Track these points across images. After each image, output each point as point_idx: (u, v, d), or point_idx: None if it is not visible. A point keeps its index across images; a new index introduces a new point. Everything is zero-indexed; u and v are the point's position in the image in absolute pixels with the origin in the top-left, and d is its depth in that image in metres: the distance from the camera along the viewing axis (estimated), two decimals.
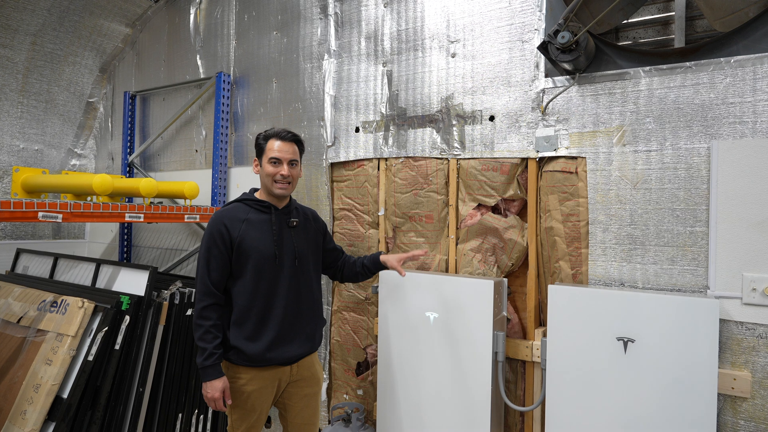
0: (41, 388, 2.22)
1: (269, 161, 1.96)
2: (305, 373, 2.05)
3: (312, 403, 2.10)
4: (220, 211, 1.98)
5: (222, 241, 1.89)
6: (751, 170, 1.82)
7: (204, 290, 1.88)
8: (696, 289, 1.92)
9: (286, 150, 1.97)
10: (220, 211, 1.97)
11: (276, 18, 3.14)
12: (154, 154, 3.86)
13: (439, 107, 2.52)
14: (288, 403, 2.05)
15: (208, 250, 1.90)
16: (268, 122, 3.15)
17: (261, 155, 2.00)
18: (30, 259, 3.25)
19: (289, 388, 2.04)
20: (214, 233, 1.90)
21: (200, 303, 1.88)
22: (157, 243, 3.77)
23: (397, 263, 2.11)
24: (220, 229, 1.90)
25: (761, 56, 1.81)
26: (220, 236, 1.90)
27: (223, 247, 1.89)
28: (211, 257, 1.89)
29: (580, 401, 1.98)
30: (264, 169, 1.98)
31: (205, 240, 1.92)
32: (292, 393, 2.04)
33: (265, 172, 1.97)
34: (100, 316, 2.37)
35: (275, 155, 1.95)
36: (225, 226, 1.91)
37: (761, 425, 1.79)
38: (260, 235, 1.95)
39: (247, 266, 1.92)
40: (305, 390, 2.07)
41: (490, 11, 2.37)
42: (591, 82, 2.12)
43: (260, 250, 1.93)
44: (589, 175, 2.12)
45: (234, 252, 1.91)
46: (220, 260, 1.89)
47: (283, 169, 1.96)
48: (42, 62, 3.72)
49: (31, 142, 3.84)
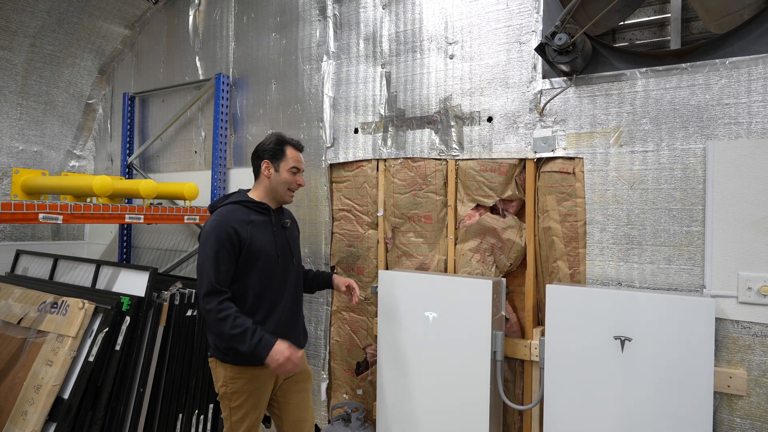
0: (42, 388, 2.23)
1: (290, 170, 2.02)
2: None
3: (306, 398, 2.13)
4: (223, 213, 1.94)
5: (230, 243, 1.87)
6: (746, 170, 1.83)
7: (213, 290, 1.82)
8: (692, 289, 1.93)
9: (302, 161, 2.09)
10: (224, 214, 1.93)
11: (275, 19, 3.15)
12: (153, 156, 3.86)
13: (437, 108, 2.53)
14: (283, 400, 2.07)
15: (216, 252, 1.85)
16: (268, 123, 3.16)
17: (278, 160, 2.01)
18: (30, 261, 3.25)
19: (285, 385, 2.07)
20: (222, 235, 1.86)
21: (213, 300, 1.81)
22: (156, 244, 3.77)
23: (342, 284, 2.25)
24: (228, 232, 1.87)
25: (756, 58, 1.83)
26: (229, 238, 1.87)
27: (231, 250, 1.87)
28: (219, 259, 1.85)
29: (578, 400, 1.99)
30: (282, 176, 2.01)
31: (211, 241, 1.86)
32: (287, 390, 2.07)
33: (284, 180, 2.02)
34: (100, 317, 2.38)
35: (297, 165, 2.04)
36: (234, 228, 1.89)
37: (757, 423, 1.81)
38: (264, 236, 1.97)
39: (255, 266, 1.93)
40: (300, 385, 2.11)
41: (487, 13, 2.39)
42: (588, 84, 2.14)
43: (266, 251, 1.96)
44: (586, 175, 2.14)
45: (243, 253, 1.90)
46: (228, 262, 1.87)
47: (300, 179, 2.06)
48: (41, 64, 3.73)
49: (31, 144, 3.84)
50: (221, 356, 1.94)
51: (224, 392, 1.95)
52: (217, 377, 1.98)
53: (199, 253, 1.89)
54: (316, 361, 2.92)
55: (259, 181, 2.06)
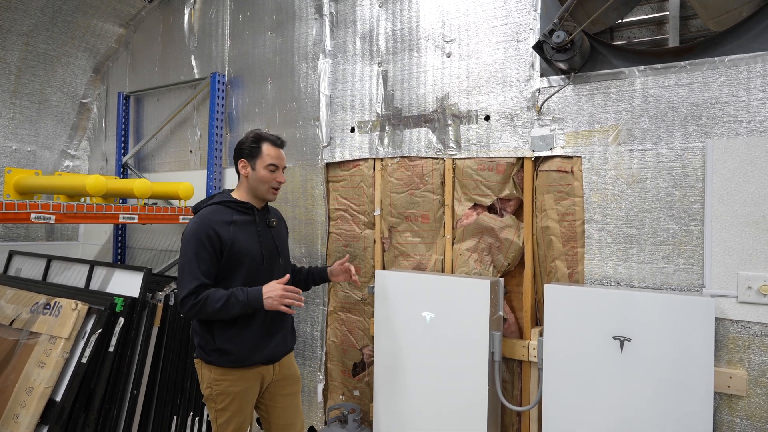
0: (34, 391, 2.20)
1: (267, 167, 1.96)
2: (286, 371, 2.06)
3: (294, 402, 2.10)
4: (204, 215, 1.91)
5: (211, 244, 1.84)
6: (745, 169, 1.82)
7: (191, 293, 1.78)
8: (692, 288, 1.92)
9: (282, 157, 2.00)
10: (205, 215, 1.90)
11: (271, 18, 3.13)
12: (148, 155, 3.83)
13: (434, 107, 2.51)
14: (270, 404, 2.05)
15: (196, 254, 1.82)
16: (263, 123, 3.14)
17: (254, 158, 1.97)
18: (23, 261, 3.22)
19: (271, 388, 2.04)
20: (202, 237, 1.83)
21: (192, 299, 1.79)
22: (151, 244, 3.74)
23: (338, 269, 2.21)
24: (209, 233, 1.84)
25: (755, 55, 1.82)
26: (209, 240, 1.84)
27: (212, 251, 1.84)
28: (200, 261, 1.82)
29: (577, 401, 1.98)
30: (258, 174, 1.96)
31: (192, 244, 1.83)
32: (274, 393, 2.04)
33: (261, 178, 1.96)
34: (93, 318, 2.35)
35: (274, 162, 1.96)
36: (214, 230, 1.85)
37: (757, 423, 1.80)
38: (248, 236, 1.94)
39: (239, 268, 1.90)
40: (287, 389, 2.07)
41: (485, 11, 2.37)
42: (586, 82, 2.12)
43: (250, 252, 1.92)
44: (584, 174, 2.12)
45: (225, 255, 1.87)
46: (209, 262, 1.84)
47: (279, 176, 1.98)
48: (35, 63, 3.69)
49: (24, 143, 3.81)
50: (205, 357, 1.92)
51: (209, 394, 1.93)
52: (202, 379, 1.96)
53: (180, 256, 1.86)
54: (312, 362, 2.89)
55: (240, 180, 2.03)
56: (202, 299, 1.78)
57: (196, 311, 1.79)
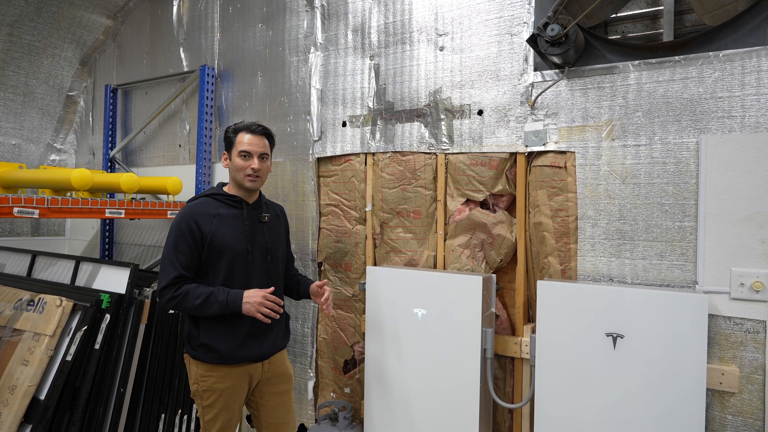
0: (17, 389, 2.15)
1: (239, 154, 1.92)
2: (277, 370, 2.02)
3: (285, 400, 2.07)
4: (188, 206, 1.91)
5: (192, 236, 1.84)
6: (739, 165, 1.81)
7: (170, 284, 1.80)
8: (684, 284, 1.91)
9: (257, 143, 1.94)
10: (189, 207, 1.90)
11: (261, 10, 3.08)
12: (136, 149, 3.77)
13: (427, 101, 2.48)
14: (261, 402, 2.02)
15: (175, 245, 1.83)
16: (254, 116, 3.09)
17: (231, 148, 1.96)
18: (6, 257, 3.15)
19: (261, 387, 2.00)
20: (183, 229, 1.84)
21: (171, 291, 1.80)
22: (139, 240, 3.69)
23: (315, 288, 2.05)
24: (189, 225, 1.84)
25: (749, 50, 1.80)
26: (190, 232, 1.84)
27: (192, 242, 1.84)
28: (179, 253, 1.82)
29: (569, 397, 1.96)
30: (234, 163, 1.94)
31: (172, 235, 1.85)
32: (264, 391, 2.01)
33: (235, 166, 1.93)
34: (79, 315, 2.30)
35: (246, 148, 1.92)
36: (195, 221, 1.85)
37: (749, 419, 1.79)
38: (232, 230, 1.91)
39: (220, 262, 1.88)
40: (278, 387, 2.04)
41: (478, 4, 2.34)
42: (580, 76, 2.10)
43: (233, 246, 1.89)
44: (578, 169, 2.10)
45: (205, 248, 1.86)
46: (189, 253, 1.84)
47: (253, 163, 1.92)
48: (19, 54, 3.61)
49: (9, 137, 3.73)
50: (192, 352, 1.90)
51: (196, 390, 1.91)
52: (189, 374, 1.95)
53: (164, 247, 1.88)
54: (303, 359, 2.86)
55: (229, 173, 2.02)
56: (182, 293, 1.79)
57: (175, 304, 1.81)
